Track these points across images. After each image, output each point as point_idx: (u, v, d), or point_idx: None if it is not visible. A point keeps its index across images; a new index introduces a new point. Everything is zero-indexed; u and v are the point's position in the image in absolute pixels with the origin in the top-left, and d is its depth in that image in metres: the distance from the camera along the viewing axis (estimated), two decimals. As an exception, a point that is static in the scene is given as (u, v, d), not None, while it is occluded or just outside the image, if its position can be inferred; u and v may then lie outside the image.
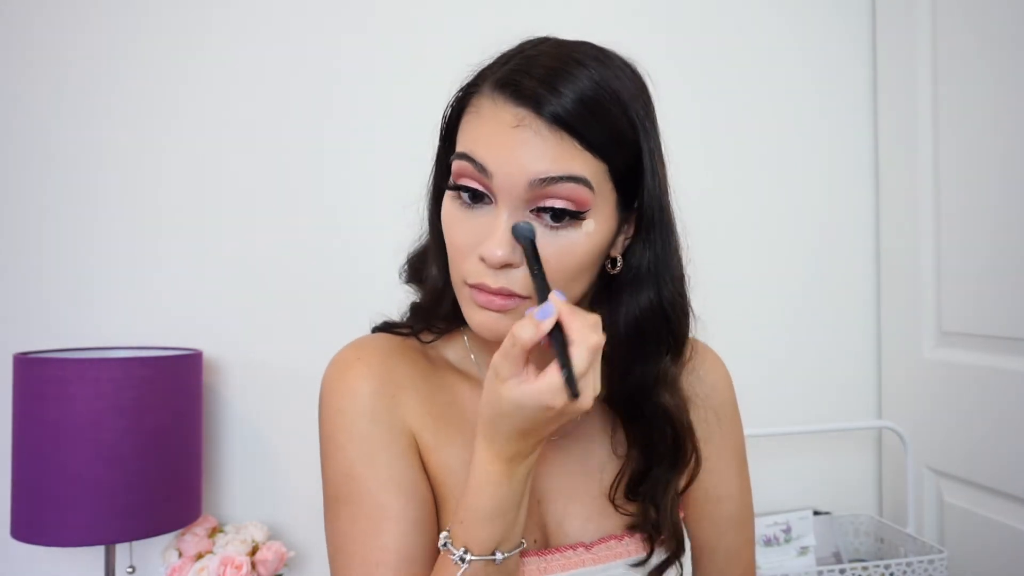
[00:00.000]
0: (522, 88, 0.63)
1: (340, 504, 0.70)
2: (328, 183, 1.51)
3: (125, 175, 1.44)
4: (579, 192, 0.63)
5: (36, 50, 1.41)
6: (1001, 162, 1.38)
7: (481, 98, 0.66)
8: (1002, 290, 1.38)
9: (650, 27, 1.65)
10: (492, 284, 0.65)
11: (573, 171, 0.63)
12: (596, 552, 0.74)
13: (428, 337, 0.79)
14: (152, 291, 1.44)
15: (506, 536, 0.63)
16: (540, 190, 0.63)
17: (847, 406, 1.72)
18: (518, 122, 0.63)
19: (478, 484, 0.62)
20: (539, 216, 0.64)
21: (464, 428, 0.74)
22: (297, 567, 1.48)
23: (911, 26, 1.58)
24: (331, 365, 0.75)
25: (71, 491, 1.14)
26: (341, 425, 0.71)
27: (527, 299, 0.65)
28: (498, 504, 0.61)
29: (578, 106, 0.63)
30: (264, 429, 1.48)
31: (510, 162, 0.63)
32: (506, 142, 0.63)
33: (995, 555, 1.40)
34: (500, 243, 0.63)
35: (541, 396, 0.56)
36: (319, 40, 1.51)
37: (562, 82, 0.63)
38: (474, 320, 0.67)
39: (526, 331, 0.56)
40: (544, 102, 0.62)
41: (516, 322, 0.58)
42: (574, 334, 0.57)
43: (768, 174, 1.70)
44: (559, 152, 0.63)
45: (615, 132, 0.65)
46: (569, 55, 0.65)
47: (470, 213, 0.66)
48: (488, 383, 0.60)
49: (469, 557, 0.62)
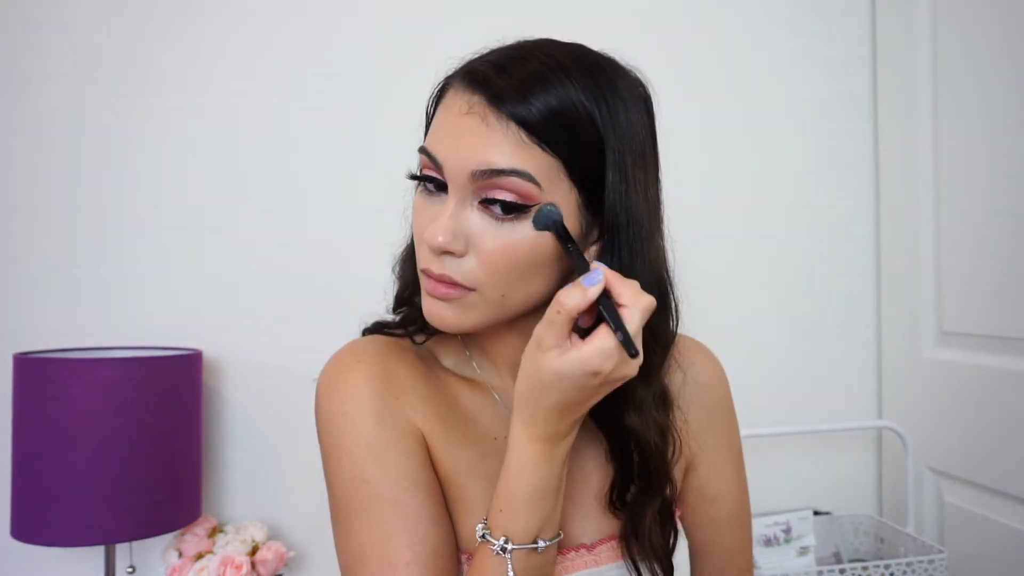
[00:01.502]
0: (481, 76, 0.62)
1: (353, 511, 0.67)
2: (328, 183, 1.51)
3: (125, 175, 1.44)
4: (524, 187, 0.61)
5: (36, 51, 1.41)
6: (1001, 162, 1.38)
7: (450, 90, 0.66)
8: (1002, 290, 1.38)
9: (650, 27, 1.65)
10: (435, 270, 0.64)
11: (518, 164, 0.61)
12: (597, 553, 0.73)
13: (421, 338, 0.77)
14: (152, 291, 1.44)
15: (547, 523, 0.61)
16: (485, 181, 0.61)
17: (847, 406, 1.72)
18: (468, 108, 0.62)
19: (517, 467, 0.60)
20: (487, 208, 0.62)
21: (469, 430, 0.73)
22: (297, 567, 1.48)
23: (911, 26, 1.58)
24: (327, 370, 0.72)
25: (71, 491, 1.14)
26: (345, 429, 0.68)
27: (472, 291, 0.64)
28: (538, 488, 0.60)
29: (541, 109, 0.61)
30: (264, 429, 1.48)
31: (456, 152, 0.62)
32: (454, 131, 0.63)
33: (995, 555, 1.40)
34: (441, 228, 0.62)
35: (591, 360, 0.55)
36: (318, 40, 1.51)
37: (532, 83, 0.61)
38: (424, 308, 0.67)
39: (572, 298, 0.55)
40: (501, 94, 0.61)
41: (560, 291, 0.56)
42: (624, 298, 0.55)
43: (768, 174, 1.70)
44: (505, 144, 0.61)
45: (574, 129, 0.62)
46: (553, 57, 0.63)
47: (430, 201, 0.66)
48: (528, 356, 0.58)
49: (511, 546, 0.60)
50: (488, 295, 0.64)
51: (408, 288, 0.77)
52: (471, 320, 0.66)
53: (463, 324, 0.66)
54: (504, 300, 0.65)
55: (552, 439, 0.60)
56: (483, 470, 0.71)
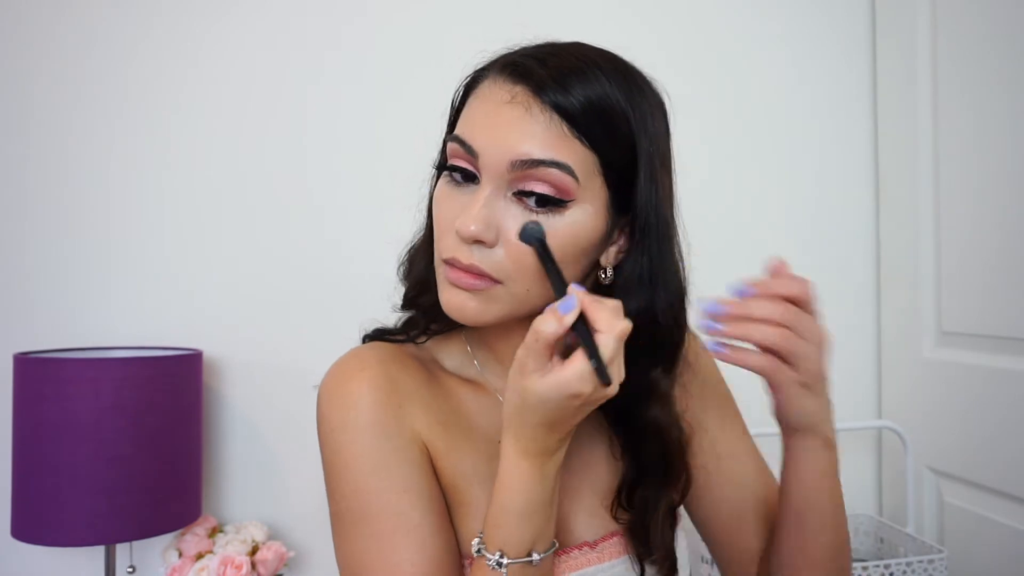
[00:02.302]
0: (524, 68, 0.63)
1: (355, 522, 0.67)
2: (330, 183, 1.51)
3: (125, 175, 1.44)
4: (563, 180, 0.61)
5: (38, 53, 1.40)
6: (1001, 162, 1.38)
7: (486, 80, 0.66)
8: (1002, 290, 1.38)
9: (649, 28, 1.65)
10: (463, 260, 0.63)
11: (558, 156, 0.61)
12: (601, 550, 0.73)
13: (422, 338, 0.77)
14: (152, 291, 1.44)
15: (540, 535, 0.62)
16: (522, 172, 0.61)
17: (847, 406, 1.72)
18: (511, 98, 0.62)
19: (508, 483, 0.61)
20: (521, 200, 0.63)
21: (472, 434, 0.73)
22: (297, 567, 1.47)
23: (911, 26, 1.58)
24: (329, 379, 0.72)
25: (71, 491, 1.14)
26: (347, 439, 0.68)
27: (499, 283, 0.64)
28: (530, 502, 0.60)
29: (582, 100, 0.61)
30: (264, 429, 1.48)
31: (496, 140, 0.62)
32: (496, 119, 0.63)
33: (995, 555, 1.40)
34: (475, 217, 0.62)
35: (569, 384, 0.55)
36: (319, 40, 1.51)
37: (571, 76, 0.62)
38: (443, 298, 0.66)
39: (549, 325, 0.55)
40: (544, 84, 0.61)
41: (537, 318, 0.56)
42: (599, 323, 0.55)
43: (768, 174, 1.70)
44: (547, 135, 0.61)
45: (611, 126, 0.63)
46: (587, 56, 0.64)
47: (457, 191, 0.65)
48: (512, 378, 0.59)
49: (507, 561, 0.61)
50: (514, 288, 0.64)
51: (418, 288, 0.76)
52: (493, 313, 0.65)
53: (484, 316, 0.65)
54: (528, 295, 0.65)
55: (541, 455, 0.60)
56: (486, 474, 0.71)
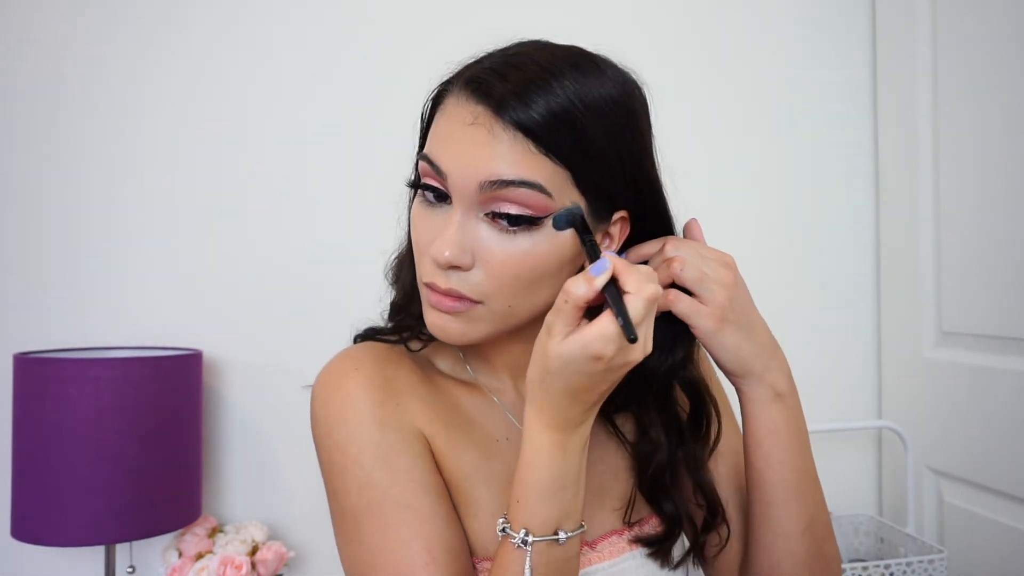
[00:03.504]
0: (485, 86, 0.61)
1: (361, 519, 0.66)
2: (329, 183, 1.51)
3: (125, 176, 1.44)
4: (534, 197, 0.60)
5: (35, 51, 1.41)
6: (1001, 162, 1.38)
7: (450, 97, 0.65)
8: (1002, 290, 1.38)
9: (649, 28, 1.65)
10: (442, 284, 0.63)
11: (527, 175, 0.60)
12: (601, 549, 0.73)
13: (416, 345, 0.76)
14: (152, 291, 1.44)
15: (567, 513, 0.60)
16: (492, 192, 0.60)
17: (847, 406, 1.72)
18: (474, 119, 0.61)
19: (531, 457, 0.59)
20: (495, 221, 0.62)
21: (472, 432, 0.73)
22: (297, 567, 1.48)
23: (911, 27, 1.57)
24: (324, 379, 0.71)
25: (71, 491, 1.14)
26: (349, 437, 0.67)
27: (479, 303, 0.63)
28: (554, 478, 0.59)
29: (543, 115, 0.60)
30: (264, 429, 1.48)
31: (462, 162, 0.61)
32: (460, 141, 0.62)
33: (995, 555, 1.40)
34: (448, 243, 0.61)
35: (591, 344, 0.53)
36: (318, 40, 1.51)
37: (532, 89, 0.60)
38: (427, 320, 0.66)
39: (579, 287, 0.54)
40: (505, 104, 0.60)
41: (569, 280, 0.56)
42: (629, 285, 0.54)
43: (768, 174, 1.70)
44: (513, 154, 0.60)
45: (578, 135, 0.61)
46: (550, 61, 0.62)
47: (431, 212, 0.65)
48: (538, 342, 0.58)
49: (531, 539, 0.59)
50: (495, 307, 0.64)
51: (405, 296, 0.76)
52: (477, 332, 0.65)
53: (468, 336, 0.65)
54: (510, 311, 0.65)
55: (565, 427, 0.58)
56: (488, 472, 0.71)
